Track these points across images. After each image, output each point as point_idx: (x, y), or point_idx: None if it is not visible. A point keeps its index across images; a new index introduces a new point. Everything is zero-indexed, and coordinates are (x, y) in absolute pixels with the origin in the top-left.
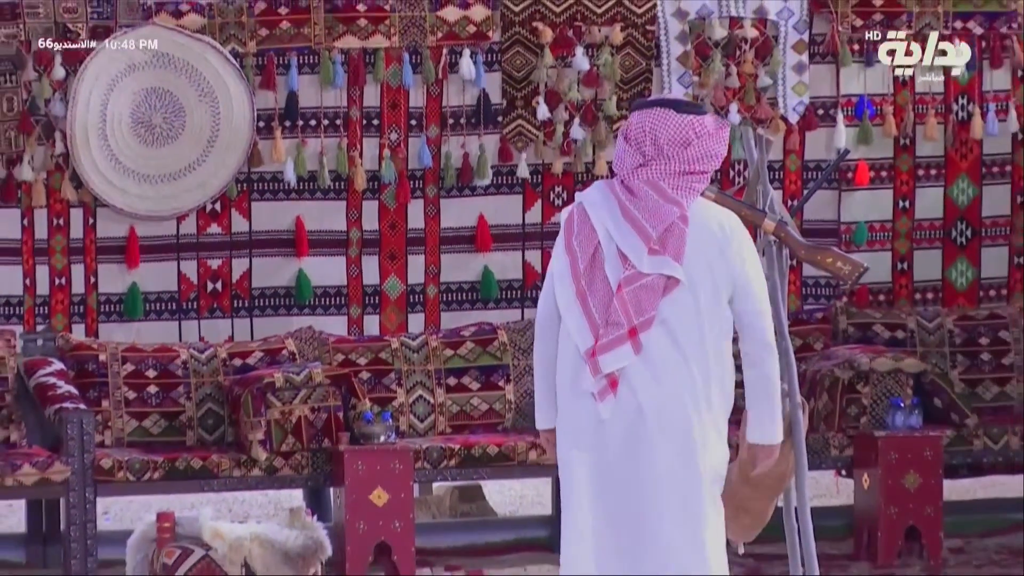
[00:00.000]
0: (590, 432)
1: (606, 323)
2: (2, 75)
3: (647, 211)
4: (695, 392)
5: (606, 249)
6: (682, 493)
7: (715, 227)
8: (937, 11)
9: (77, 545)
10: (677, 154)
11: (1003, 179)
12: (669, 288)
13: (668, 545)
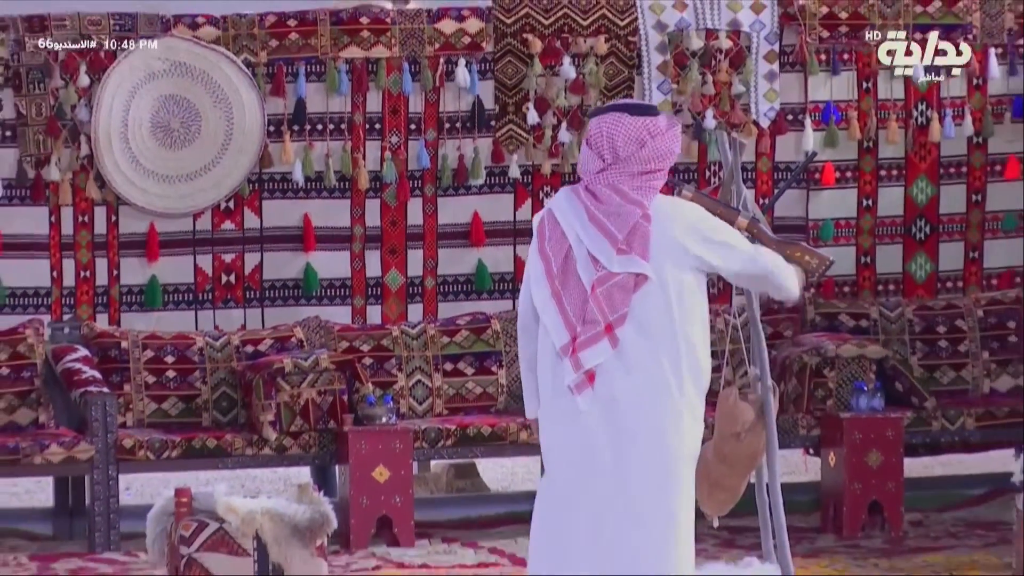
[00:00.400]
0: (569, 423)
1: (583, 321)
2: (31, 83)
3: (611, 214)
4: (667, 381)
5: (577, 252)
6: (656, 477)
7: (670, 218)
8: (898, 23)
9: (101, 519)
10: (634, 155)
11: (959, 179)
12: (639, 284)
13: (641, 529)
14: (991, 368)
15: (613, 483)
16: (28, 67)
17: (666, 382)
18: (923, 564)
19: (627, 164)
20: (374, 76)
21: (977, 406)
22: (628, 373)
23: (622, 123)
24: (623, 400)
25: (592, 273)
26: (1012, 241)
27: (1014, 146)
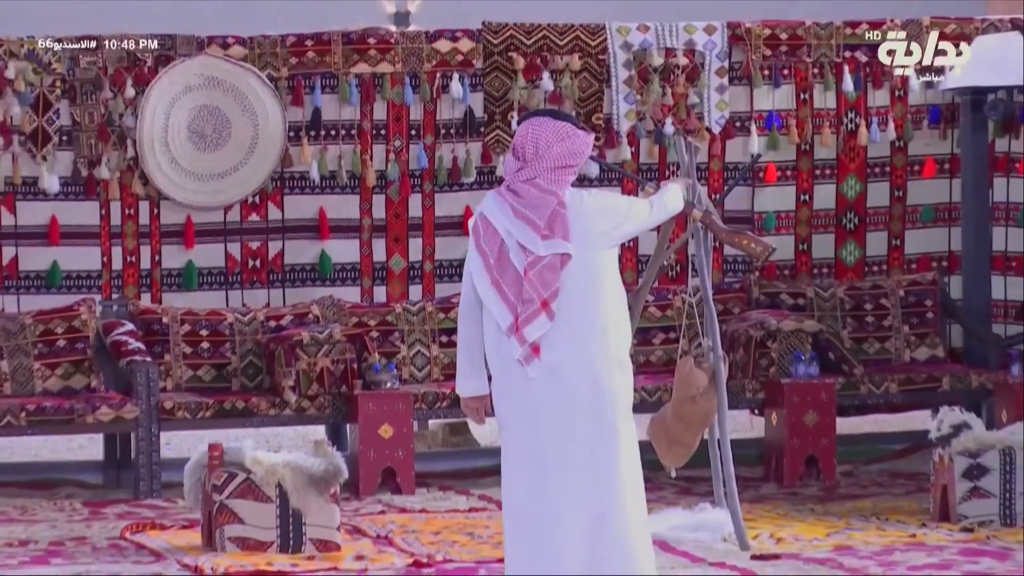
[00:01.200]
0: (520, 391)
1: (521, 301)
2: (85, 95)
3: (530, 206)
4: (600, 342)
5: (508, 243)
6: (598, 423)
7: (582, 204)
8: (831, 44)
9: (144, 470)
10: (550, 152)
11: (883, 177)
12: (564, 263)
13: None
14: (911, 340)
15: (564, 436)
16: (82, 81)
17: (598, 344)
18: (853, 509)
19: (543, 160)
20: (380, 89)
21: (899, 373)
22: (566, 340)
23: (545, 125)
24: (565, 364)
25: (523, 259)
26: (929, 231)
27: (930, 149)
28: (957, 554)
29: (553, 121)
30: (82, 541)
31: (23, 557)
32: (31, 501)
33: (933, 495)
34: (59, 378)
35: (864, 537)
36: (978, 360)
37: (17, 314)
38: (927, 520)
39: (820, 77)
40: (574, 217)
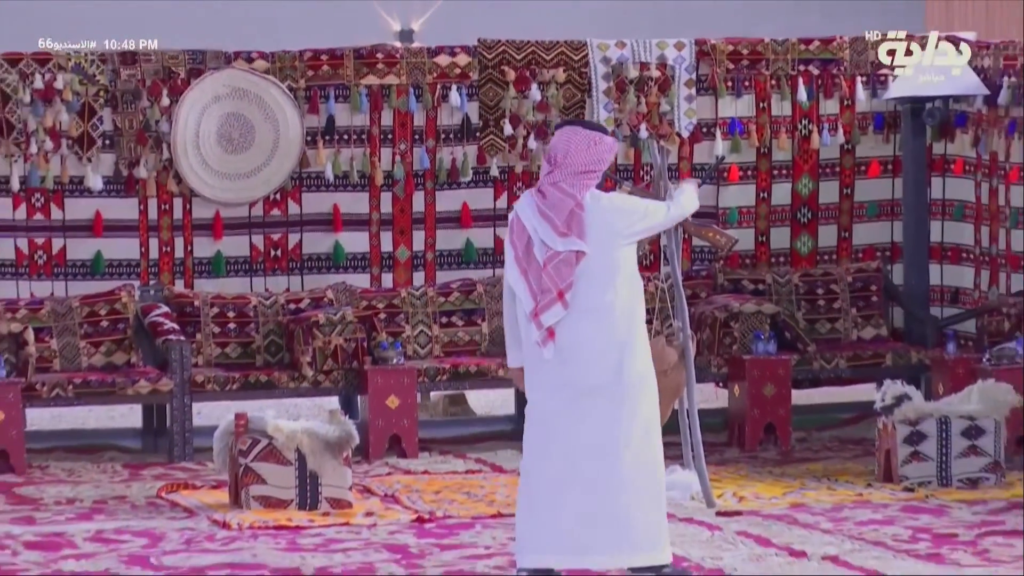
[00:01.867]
0: (539, 369)
1: (540, 291)
2: (125, 103)
3: (552, 207)
4: (612, 331)
5: (534, 239)
6: (607, 406)
7: (601, 207)
8: (787, 58)
9: (178, 437)
10: (576, 158)
11: (834, 177)
12: (579, 259)
13: (594, 446)
14: (858, 321)
15: (572, 414)
16: (122, 91)
17: (610, 333)
18: (806, 471)
19: (569, 166)
20: (387, 98)
21: (847, 350)
22: (581, 327)
23: (576, 134)
24: (578, 348)
25: (543, 253)
26: (874, 224)
27: (875, 152)
28: (899, 511)
29: (584, 130)
30: (122, 500)
31: (70, 514)
32: (77, 464)
33: (878, 459)
34: (102, 355)
35: (816, 496)
36: (917, 339)
37: (65, 298)
38: (872, 481)
39: (777, 88)
40: (591, 218)
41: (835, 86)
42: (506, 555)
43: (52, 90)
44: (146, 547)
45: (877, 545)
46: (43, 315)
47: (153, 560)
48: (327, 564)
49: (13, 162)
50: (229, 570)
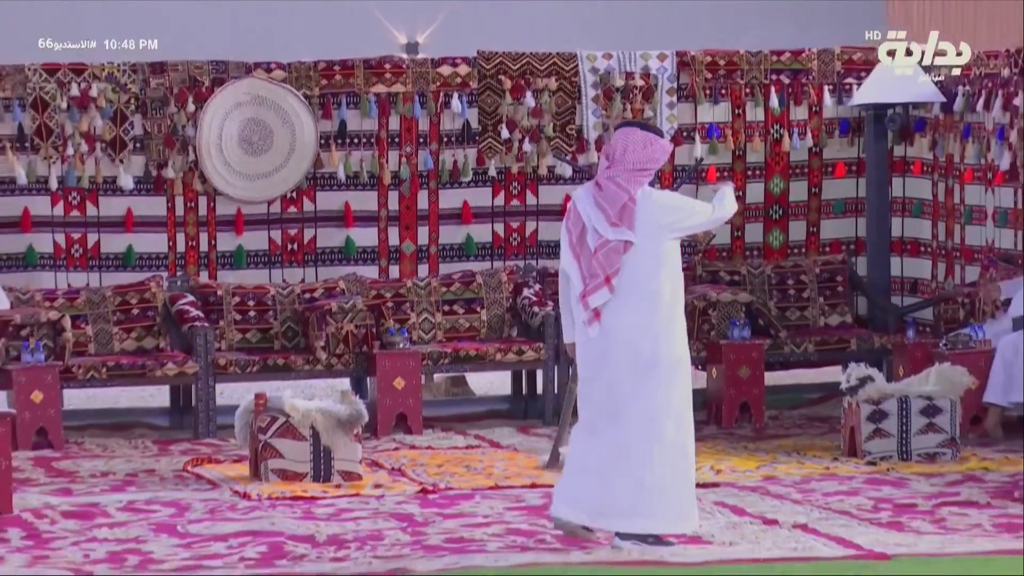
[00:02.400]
0: (585, 346)
1: (590, 275)
2: (154, 109)
3: (607, 199)
4: (654, 316)
5: (588, 227)
6: (646, 384)
7: (651, 203)
8: (760, 68)
9: (203, 415)
10: (632, 156)
11: (803, 177)
12: (627, 248)
13: (632, 421)
14: (825, 309)
15: (614, 390)
16: (152, 98)
17: (652, 317)
18: (778, 446)
19: (625, 163)
20: (394, 105)
21: (815, 336)
22: (625, 310)
23: (634, 134)
24: (621, 330)
25: (595, 241)
26: (839, 220)
27: (841, 154)
28: (863, 483)
29: (641, 131)
30: (152, 473)
31: (104, 486)
32: (110, 440)
33: (843, 435)
34: (133, 340)
35: (787, 469)
36: (879, 325)
37: (99, 288)
38: (838, 455)
39: (751, 96)
40: (642, 211)
41: (804, 94)
42: (503, 523)
43: (87, 97)
44: (173, 516)
45: (843, 514)
46: (79, 304)
47: (180, 528)
48: (339, 532)
49: (52, 163)
50: (250, 537)
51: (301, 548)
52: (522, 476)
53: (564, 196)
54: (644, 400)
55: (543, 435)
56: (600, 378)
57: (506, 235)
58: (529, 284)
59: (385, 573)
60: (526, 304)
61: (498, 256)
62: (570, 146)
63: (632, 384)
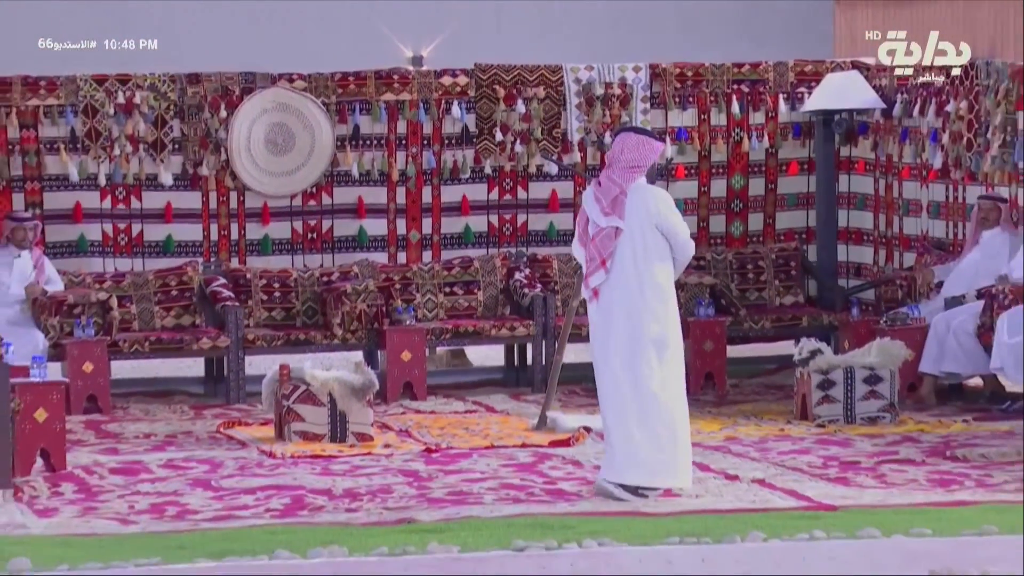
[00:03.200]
0: (591, 323)
1: (589, 259)
2: (190, 115)
3: (603, 192)
4: (641, 290)
5: (588, 217)
6: (636, 348)
7: (644, 197)
8: (723, 79)
9: (234, 383)
10: (625, 156)
11: (761, 175)
12: (618, 234)
13: (626, 379)
14: (780, 290)
15: (612, 354)
16: (188, 105)
17: (640, 295)
18: (738, 411)
19: (621, 162)
20: (401, 111)
21: (771, 314)
22: (616, 289)
23: (628, 138)
24: (613, 307)
25: (593, 229)
26: (792, 213)
27: (794, 154)
28: (813, 443)
29: (635, 135)
30: (188, 434)
31: (147, 445)
32: (152, 406)
33: (795, 401)
34: (172, 318)
35: (746, 431)
36: (827, 305)
37: (142, 272)
38: (791, 419)
39: (715, 103)
40: (631, 202)
41: (761, 101)
42: (497, 479)
43: (131, 104)
44: (208, 472)
45: (795, 470)
46: (125, 286)
47: (213, 483)
48: (353, 486)
49: (100, 163)
50: (275, 491)
51: (320, 500)
52: (514, 437)
53: (551, 191)
54: (637, 370)
55: (532, 401)
56: (604, 349)
57: (500, 225)
58: (520, 268)
59: (394, 522)
60: (517, 286)
61: (493, 244)
62: (556, 147)
63: (628, 354)
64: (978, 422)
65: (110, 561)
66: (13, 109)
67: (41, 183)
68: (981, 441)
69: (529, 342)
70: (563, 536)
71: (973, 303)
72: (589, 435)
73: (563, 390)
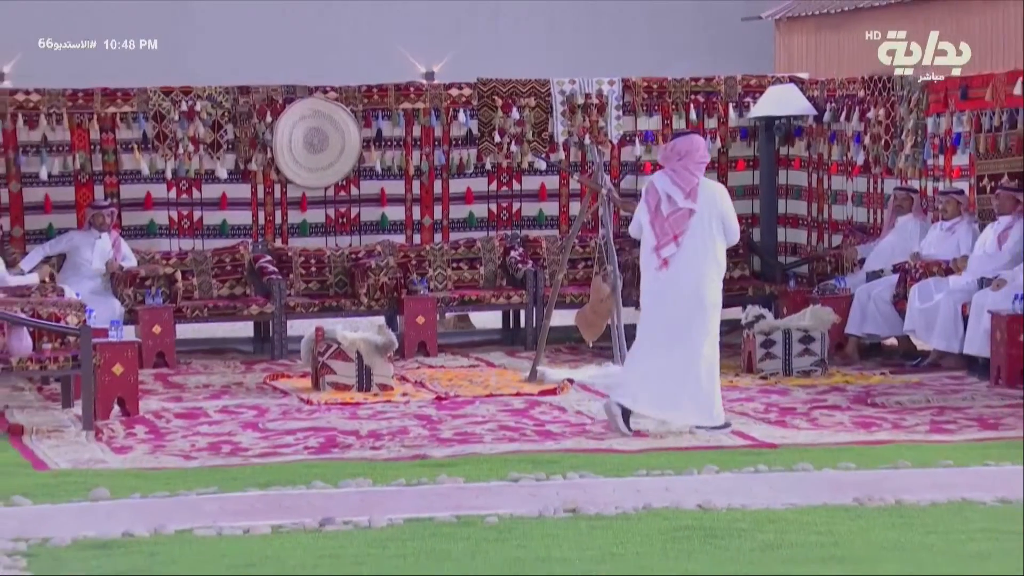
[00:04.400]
0: (653, 286)
1: (662, 233)
2: (242, 120)
3: (681, 179)
4: (706, 263)
5: (663, 199)
6: (696, 312)
7: (713, 189)
8: (683, 91)
9: (278, 342)
10: (694, 154)
11: (714, 170)
12: (690, 215)
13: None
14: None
15: (673, 316)
16: (240, 112)
17: (704, 267)
18: None
19: (691, 158)
20: (416, 117)
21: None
22: (684, 260)
23: (697, 139)
24: (681, 275)
25: (669, 208)
26: (741, 201)
27: (741, 153)
28: (757, 392)
29: (700, 138)
30: (240, 385)
31: (205, 394)
32: (210, 361)
33: (743, 357)
34: (227, 288)
35: None
36: (769, 278)
37: (202, 250)
38: (739, 372)
39: (676, 110)
40: (703, 191)
41: (714, 109)
42: (495, 421)
43: (193, 111)
44: (256, 416)
45: (742, 415)
46: (187, 262)
47: (261, 425)
48: (376, 428)
49: (167, 160)
50: (311, 432)
51: (349, 439)
52: (510, 387)
53: (540, 184)
54: (694, 327)
55: (525, 357)
56: (662, 309)
57: (498, 212)
58: (515, 248)
59: (410, 457)
60: (513, 262)
61: (492, 227)
62: (544, 147)
63: (686, 315)
64: (894, 375)
65: (175, 490)
66: (95, 116)
67: (118, 177)
68: (896, 391)
69: (522, 308)
70: (550, 469)
71: (890, 276)
72: (572, 386)
73: (550, 348)
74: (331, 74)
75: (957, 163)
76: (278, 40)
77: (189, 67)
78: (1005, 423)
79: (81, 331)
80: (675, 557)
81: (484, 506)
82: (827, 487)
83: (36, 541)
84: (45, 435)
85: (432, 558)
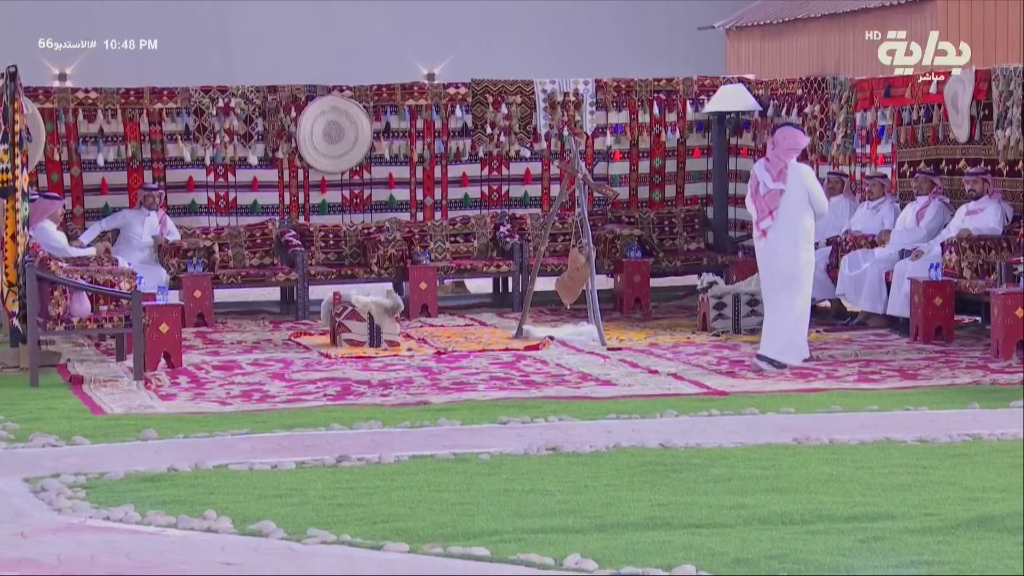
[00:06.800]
0: (761, 253)
1: (760, 210)
2: (271, 114)
3: (773, 166)
4: (796, 235)
5: (761, 182)
6: (793, 274)
7: (800, 171)
8: (647, 89)
9: (301, 305)
10: (785, 142)
11: (674, 157)
12: (781, 195)
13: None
14: (687, 239)
15: (774, 277)
16: (269, 108)
17: (795, 236)
18: (658, 325)
19: (782, 145)
20: (419, 112)
21: (682, 256)
22: (779, 231)
23: (787, 131)
24: (777, 243)
25: (764, 189)
26: (697, 184)
27: (698, 143)
28: (710, 348)
29: (793, 128)
30: (269, 341)
31: (239, 349)
32: (243, 321)
33: (699, 318)
34: (257, 259)
35: (663, 339)
36: (721, 249)
37: (236, 226)
38: (695, 330)
39: (641, 106)
40: (791, 174)
41: (674, 105)
42: (487, 373)
43: (228, 107)
44: (282, 368)
45: (698, 367)
46: (224, 236)
47: (286, 376)
48: (385, 378)
49: (206, 149)
50: (330, 381)
51: (362, 388)
52: (499, 343)
53: (525, 169)
54: (790, 285)
55: (512, 318)
56: (767, 271)
57: (489, 193)
58: (504, 224)
59: (414, 403)
60: (502, 236)
61: (484, 207)
62: (528, 138)
63: (784, 276)
64: (827, 332)
65: (213, 431)
66: (144, 111)
67: (164, 163)
68: (829, 346)
69: (510, 276)
70: (534, 413)
71: (824, 248)
72: (553, 342)
73: (534, 310)
74: (347, 75)
75: (881, 151)
76: (305, 44)
77: (226, 69)
78: (922, 373)
79: (132, 295)
80: (640, 488)
81: (477, 445)
82: (770, 429)
83: (94, 475)
84: (102, 384)
85: (433, 489)
